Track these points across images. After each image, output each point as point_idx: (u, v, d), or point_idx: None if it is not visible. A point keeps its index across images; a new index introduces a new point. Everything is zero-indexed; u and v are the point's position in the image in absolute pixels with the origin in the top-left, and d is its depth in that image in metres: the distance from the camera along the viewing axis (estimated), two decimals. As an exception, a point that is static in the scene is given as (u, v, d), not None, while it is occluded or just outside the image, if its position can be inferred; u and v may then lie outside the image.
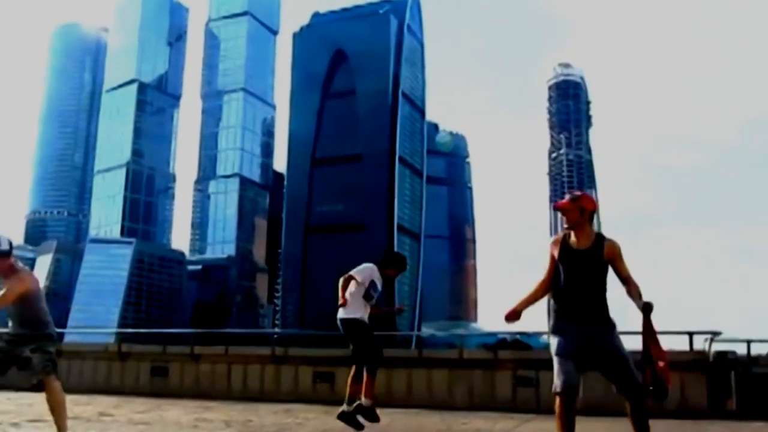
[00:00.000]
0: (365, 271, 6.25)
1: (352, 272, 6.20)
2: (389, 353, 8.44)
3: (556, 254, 4.18)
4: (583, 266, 4.05)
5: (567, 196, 4.20)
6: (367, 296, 6.26)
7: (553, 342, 4.06)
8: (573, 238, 4.15)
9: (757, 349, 7.88)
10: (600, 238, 4.10)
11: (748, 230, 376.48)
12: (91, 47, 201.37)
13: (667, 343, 8.61)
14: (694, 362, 7.76)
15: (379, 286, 6.32)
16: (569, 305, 4.09)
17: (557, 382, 3.93)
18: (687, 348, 7.83)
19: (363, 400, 6.15)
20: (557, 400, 3.90)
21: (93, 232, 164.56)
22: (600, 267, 4.04)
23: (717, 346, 7.74)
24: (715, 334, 7.67)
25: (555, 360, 4.01)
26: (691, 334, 7.77)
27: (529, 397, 8.43)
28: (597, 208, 4.32)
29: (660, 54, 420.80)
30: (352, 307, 6.21)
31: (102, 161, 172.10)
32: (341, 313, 6.26)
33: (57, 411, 5.01)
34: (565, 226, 4.17)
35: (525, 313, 4.18)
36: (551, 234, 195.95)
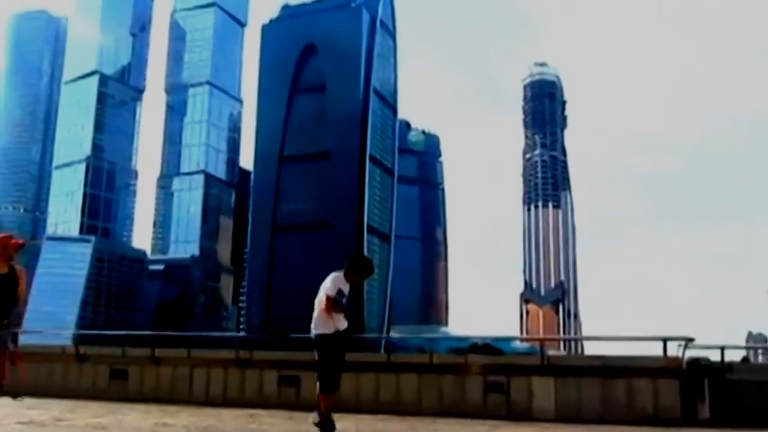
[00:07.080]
0: (334, 282, 6.32)
1: (325, 290, 6.29)
2: (357, 357, 8.29)
3: None
4: None
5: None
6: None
7: None
8: None
9: (730, 356, 7.89)
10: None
11: (722, 235, 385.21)
12: (51, 36, 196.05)
13: (641, 348, 8.61)
14: (667, 369, 7.71)
15: (345, 291, 6.34)
16: None
17: None
18: (661, 354, 7.78)
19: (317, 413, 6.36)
20: None
21: (50, 230, 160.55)
22: None
23: (691, 353, 7.71)
24: (688, 341, 7.64)
25: None
26: (665, 340, 7.74)
27: (499, 403, 8.31)
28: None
29: (636, 54, 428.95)
30: (319, 321, 6.35)
31: (61, 156, 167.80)
32: (313, 329, 6.46)
33: None
34: None
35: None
36: (524, 236, 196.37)
